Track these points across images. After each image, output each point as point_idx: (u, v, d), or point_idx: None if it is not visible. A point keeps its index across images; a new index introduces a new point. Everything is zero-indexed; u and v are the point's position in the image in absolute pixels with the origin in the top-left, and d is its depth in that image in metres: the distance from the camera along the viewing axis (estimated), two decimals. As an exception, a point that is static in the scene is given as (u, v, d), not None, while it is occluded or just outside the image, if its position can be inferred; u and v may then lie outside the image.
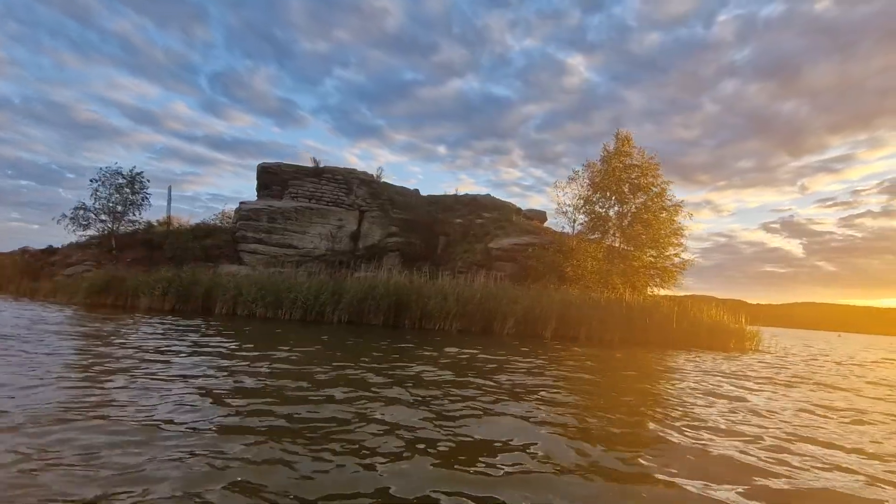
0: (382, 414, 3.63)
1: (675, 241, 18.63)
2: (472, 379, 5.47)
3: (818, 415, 4.95)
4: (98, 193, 18.03)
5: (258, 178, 20.93)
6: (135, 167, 18.83)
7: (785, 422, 4.49)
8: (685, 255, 19.07)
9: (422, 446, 2.96)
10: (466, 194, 24.36)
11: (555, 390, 5.17)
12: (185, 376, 4.52)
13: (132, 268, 16.32)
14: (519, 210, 24.29)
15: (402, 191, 23.06)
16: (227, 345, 6.98)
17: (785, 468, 3.05)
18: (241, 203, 19.70)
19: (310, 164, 21.02)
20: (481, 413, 3.89)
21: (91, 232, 18.00)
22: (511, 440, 3.23)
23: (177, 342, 6.87)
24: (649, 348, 12.44)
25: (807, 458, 3.32)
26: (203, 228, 19.84)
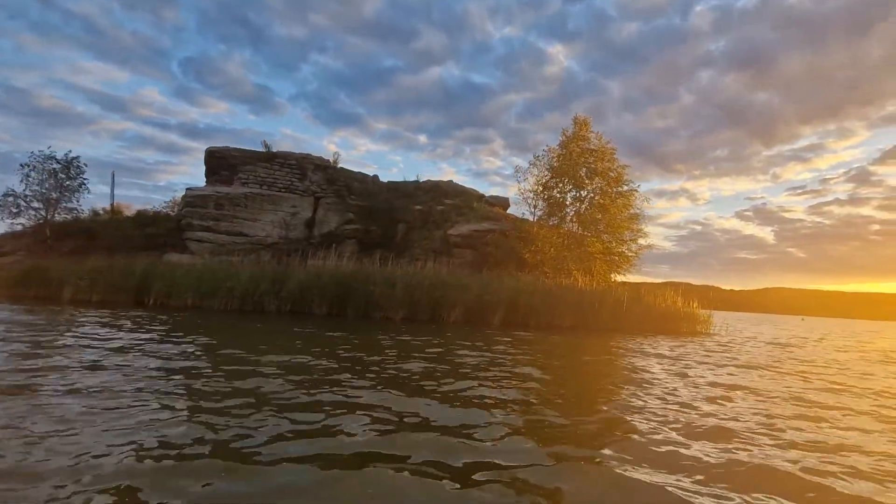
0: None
1: (633, 227, 18.62)
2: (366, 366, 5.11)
3: (699, 389, 4.76)
4: (29, 179, 16.95)
5: (206, 163, 20.02)
6: (70, 151, 17.75)
7: (669, 394, 4.37)
8: (643, 241, 19.12)
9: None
10: (428, 180, 23.88)
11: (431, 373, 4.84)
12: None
13: (68, 258, 15.41)
14: (482, 196, 23.95)
15: (360, 177, 22.46)
16: (119, 336, 6.45)
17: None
18: (187, 189, 18.83)
19: (262, 149, 20.17)
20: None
21: (22, 220, 16.94)
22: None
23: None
24: (599, 334, 12.33)
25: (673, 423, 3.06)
26: (146, 216, 18.93)
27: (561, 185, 18.87)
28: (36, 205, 17.01)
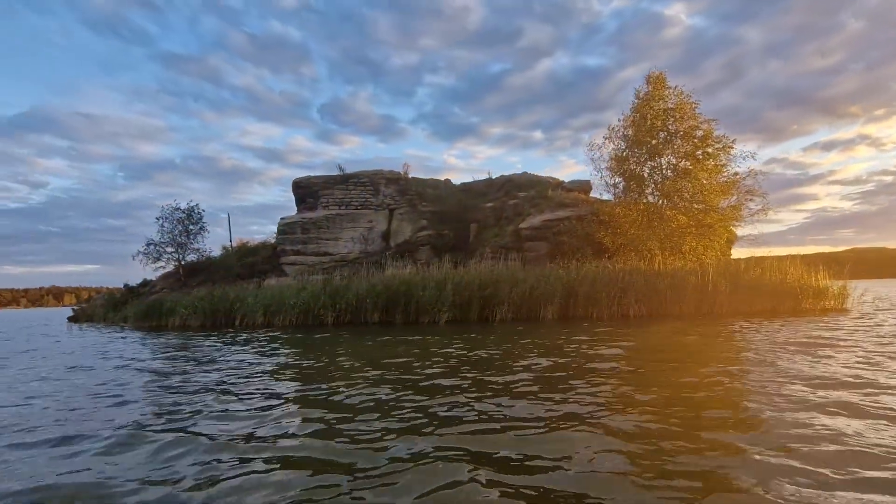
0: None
1: (733, 192, 15.69)
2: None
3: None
4: (163, 228, 20.69)
5: (294, 194, 22.23)
6: (191, 200, 21.24)
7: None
8: (754, 205, 16.06)
9: None
10: (502, 176, 23.26)
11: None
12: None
13: (188, 291, 18.35)
14: (560, 183, 22.47)
15: (433, 183, 22.77)
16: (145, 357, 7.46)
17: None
18: (280, 219, 21.11)
19: (337, 172, 21.72)
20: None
21: (162, 263, 20.72)
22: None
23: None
24: (670, 321, 10.58)
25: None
26: (247, 248, 21.68)
27: (637, 155, 16.75)
28: (169, 249, 20.64)
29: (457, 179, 25.14)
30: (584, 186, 22.33)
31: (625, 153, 17.03)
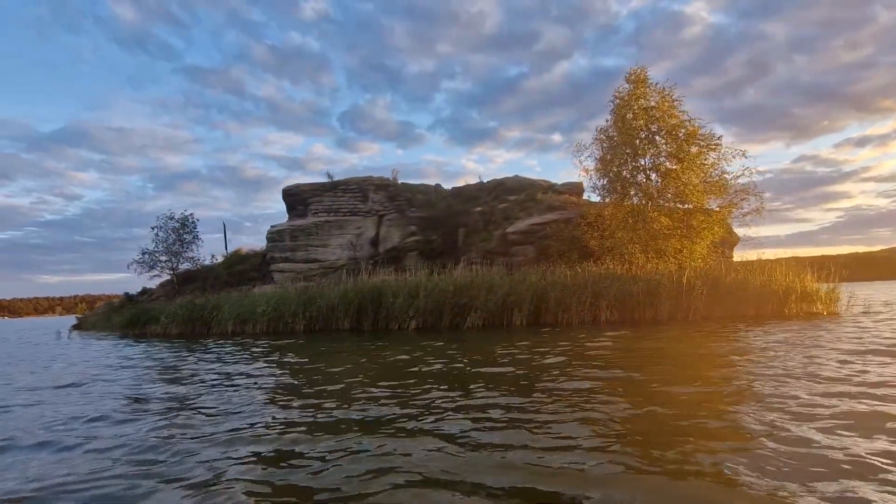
0: None
1: (722, 192, 15.12)
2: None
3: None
4: (158, 237, 21.12)
5: (285, 202, 22.42)
6: (185, 210, 21.64)
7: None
8: (748, 205, 15.50)
9: None
10: (493, 179, 23.00)
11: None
12: None
13: (174, 299, 18.59)
14: (551, 186, 22.07)
15: (423, 188, 22.66)
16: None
17: None
18: (270, 227, 21.29)
19: (326, 180, 21.81)
20: None
21: (156, 272, 21.13)
22: None
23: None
24: (636, 327, 10.15)
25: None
26: (237, 256, 21.90)
27: (620, 156, 16.29)
28: (163, 258, 21.04)
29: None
30: (577, 189, 21.87)
31: (608, 155, 16.58)
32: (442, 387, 4.61)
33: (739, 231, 17.51)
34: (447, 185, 23.79)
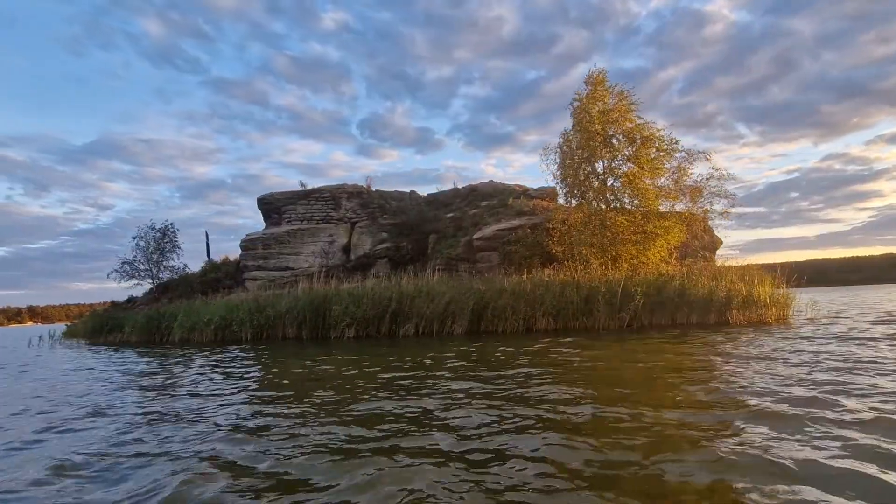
0: None
1: (673, 195, 14.79)
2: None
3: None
4: (138, 247, 21.64)
5: (260, 210, 22.73)
6: (167, 220, 22.14)
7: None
8: (719, 207, 15.25)
9: None
10: (468, 185, 22.89)
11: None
12: None
13: (147, 308, 19.00)
14: (525, 191, 21.83)
15: (397, 195, 22.71)
16: None
17: None
18: (246, 235, 21.62)
19: (299, 188, 22.05)
20: None
21: (135, 281, 21.61)
22: None
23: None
24: (553, 335, 9.93)
25: None
26: (210, 265, 22.27)
27: (579, 159, 16.02)
28: (142, 267, 21.55)
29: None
30: (551, 194, 21.57)
31: (567, 159, 16.33)
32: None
33: (722, 234, 17.23)
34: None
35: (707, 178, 15.61)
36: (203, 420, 4.01)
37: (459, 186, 23.01)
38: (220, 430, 3.63)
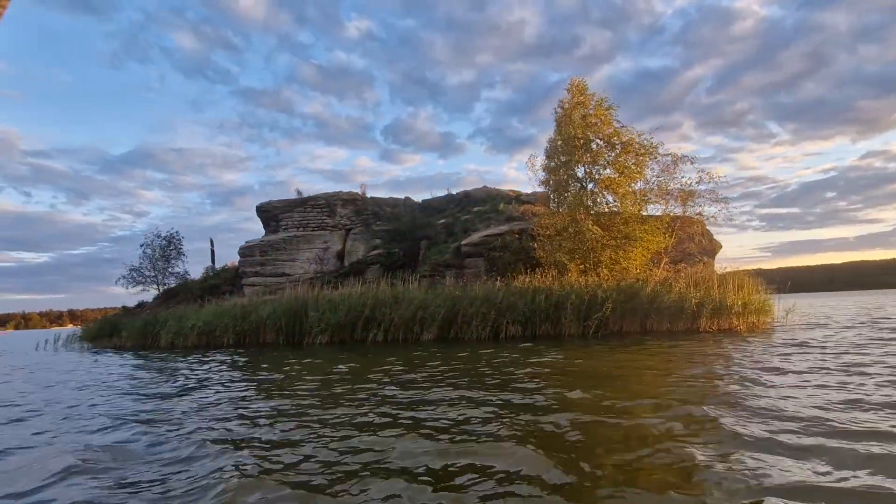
0: None
1: (654, 199, 14.65)
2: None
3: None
4: (145, 254, 22.59)
5: (259, 218, 23.37)
6: (172, 228, 23.04)
7: None
8: (709, 210, 15.18)
9: None
10: (462, 191, 23.02)
11: None
12: None
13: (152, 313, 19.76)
14: (517, 196, 21.83)
15: (392, 202, 23.02)
16: None
17: None
18: (245, 242, 22.27)
19: (296, 196, 22.59)
20: None
21: (141, 287, 22.55)
22: None
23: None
24: (539, 342, 9.98)
25: None
26: (211, 271, 23.00)
27: (562, 165, 16.01)
28: (148, 273, 22.45)
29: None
30: (542, 198, 21.49)
31: (552, 163, 16.35)
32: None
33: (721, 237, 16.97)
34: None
35: (697, 182, 15.47)
36: (87, 414, 4.31)
37: (454, 192, 23.15)
38: (96, 421, 3.94)
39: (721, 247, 22.49)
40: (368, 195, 22.78)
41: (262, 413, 4.30)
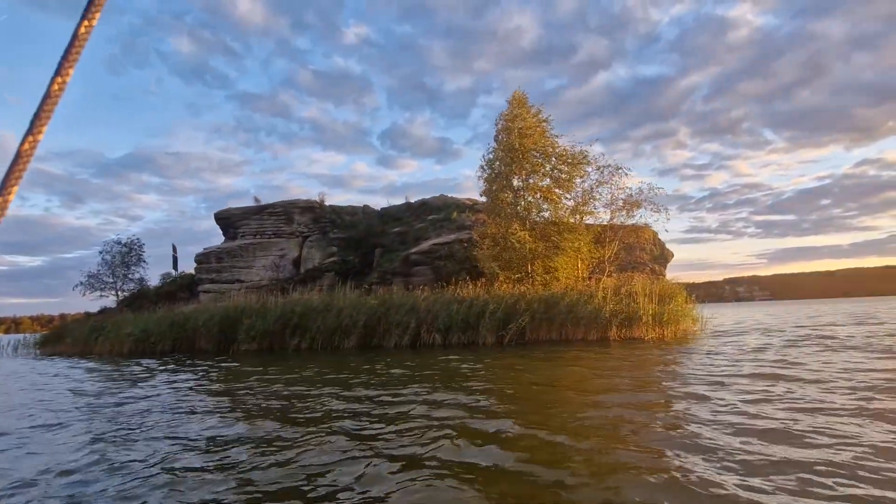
0: None
1: (588, 210, 14.95)
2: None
3: None
4: (104, 260, 22.71)
5: (218, 225, 23.59)
6: (133, 235, 23.20)
7: None
8: (651, 220, 15.45)
9: None
10: (420, 199, 23.29)
11: None
12: None
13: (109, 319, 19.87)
14: (473, 205, 22.11)
15: (350, 210, 23.28)
16: None
17: None
18: (203, 249, 22.47)
19: (253, 204, 22.83)
20: None
21: (99, 293, 22.65)
22: None
23: None
24: (456, 350, 10.20)
25: None
26: (167, 278, 23.18)
27: (498, 175, 16.31)
28: (107, 279, 22.58)
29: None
30: (487, 208, 21.79)
31: (492, 174, 16.64)
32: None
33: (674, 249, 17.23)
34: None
35: (638, 193, 15.80)
36: None
37: (412, 201, 23.43)
38: None
39: (673, 255, 22.83)
40: (327, 203, 23.01)
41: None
